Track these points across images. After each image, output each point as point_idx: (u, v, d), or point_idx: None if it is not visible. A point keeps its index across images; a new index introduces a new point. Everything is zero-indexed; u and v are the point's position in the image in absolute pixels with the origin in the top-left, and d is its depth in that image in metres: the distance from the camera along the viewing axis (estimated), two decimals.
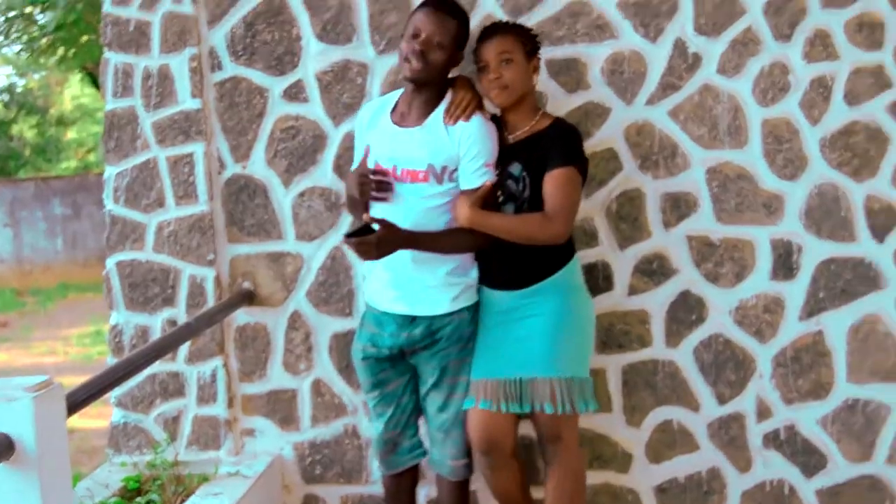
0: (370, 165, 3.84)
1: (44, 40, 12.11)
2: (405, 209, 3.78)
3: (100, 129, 25.14)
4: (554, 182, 3.72)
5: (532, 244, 3.76)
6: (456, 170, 3.78)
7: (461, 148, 3.74)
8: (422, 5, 3.77)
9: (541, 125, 3.85)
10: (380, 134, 3.89)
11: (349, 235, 3.65)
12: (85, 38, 12.90)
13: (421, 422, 4.14)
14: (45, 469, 2.69)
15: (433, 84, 3.78)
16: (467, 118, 3.74)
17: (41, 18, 11.73)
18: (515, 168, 3.81)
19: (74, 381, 3.18)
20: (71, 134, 27.44)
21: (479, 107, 3.82)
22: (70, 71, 16.74)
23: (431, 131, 3.79)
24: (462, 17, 3.78)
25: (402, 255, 3.76)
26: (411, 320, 3.88)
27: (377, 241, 3.60)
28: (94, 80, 16.40)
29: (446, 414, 3.93)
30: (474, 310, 3.94)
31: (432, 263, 3.83)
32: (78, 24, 12.24)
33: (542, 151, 3.77)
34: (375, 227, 3.60)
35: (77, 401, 3.02)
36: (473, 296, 3.93)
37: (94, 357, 11.61)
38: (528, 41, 3.83)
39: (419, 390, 4.03)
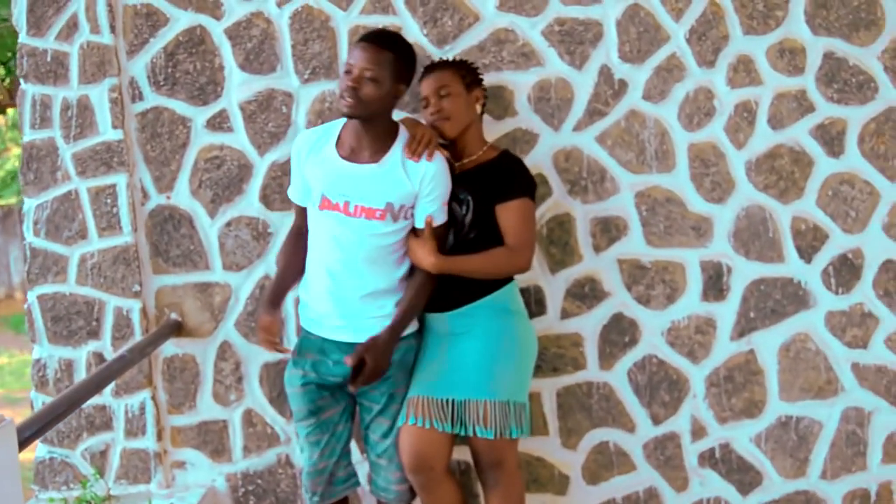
0: (315, 198, 4.32)
1: None
2: (358, 246, 4.28)
3: None
4: (513, 214, 4.35)
5: (500, 278, 4.43)
6: (412, 207, 4.30)
7: (422, 187, 4.25)
8: (357, 40, 4.28)
9: (488, 156, 4.51)
10: (325, 166, 4.32)
11: (353, 383, 4.21)
12: None
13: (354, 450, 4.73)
14: None
15: (379, 119, 4.24)
16: (430, 156, 4.24)
17: None
18: (461, 192, 4.40)
19: None
20: None
21: (438, 145, 4.37)
22: None
23: (390, 170, 4.25)
24: (400, 50, 4.23)
25: (350, 291, 4.32)
26: (355, 348, 4.25)
27: (374, 364, 4.17)
28: None
29: (390, 439, 4.42)
30: (419, 336, 4.53)
31: (385, 297, 4.36)
32: None
33: (492, 182, 4.38)
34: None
35: (27, 436, 3.41)
36: (416, 323, 4.48)
37: None
38: (468, 74, 4.50)
39: (361, 418, 4.51)
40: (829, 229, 4.86)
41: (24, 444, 3.32)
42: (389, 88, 4.18)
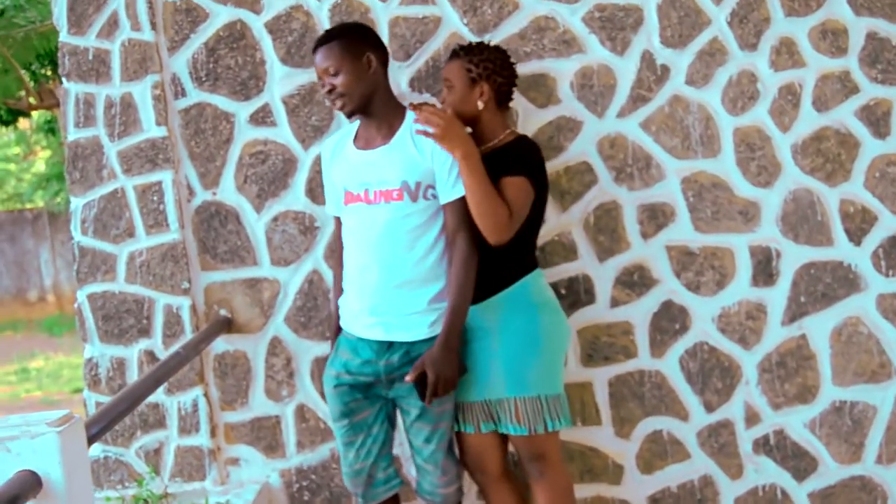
0: (340, 198, 4.47)
1: None
2: (382, 233, 4.33)
3: (3, 166, 26.19)
4: (505, 188, 4.31)
5: (481, 230, 4.28)
6: (431, 186, 4.32)
7: (434, 160, 4.28)
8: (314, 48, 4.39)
9: (503, 142, 4.52)
10: (345, 163, 4.46)
11: (425, 400, 4.27)
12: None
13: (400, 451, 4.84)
14: None
15: (376, 102, 4.34)
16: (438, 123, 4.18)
17: None
18: None
19: None
20: None
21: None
22: None
23: (400, 148, 4.33)
24: (339, 34, 4.33)
25: (378, 283, 4.36)
26: (388, 346, 4.38)
27: (435, 377, 4.23)
28: (0, 116, 17.24)
29: (433, 444, 4.46)
30: None
31: (417, 289, 4.36)
32: None
33: (499, 162, 4.38)
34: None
35: (94, 433, 3.51)
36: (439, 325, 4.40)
37: (21, 395, 12.62)
38: (476, 67, 4.48)
39: (403, 422, 4.55)
40: (878, 211, 4.90)
41: (89, 441, 3.41)
42: (355, 68, 4.28)
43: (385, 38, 4.97)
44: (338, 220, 4.64)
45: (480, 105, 4.50)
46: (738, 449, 5.11)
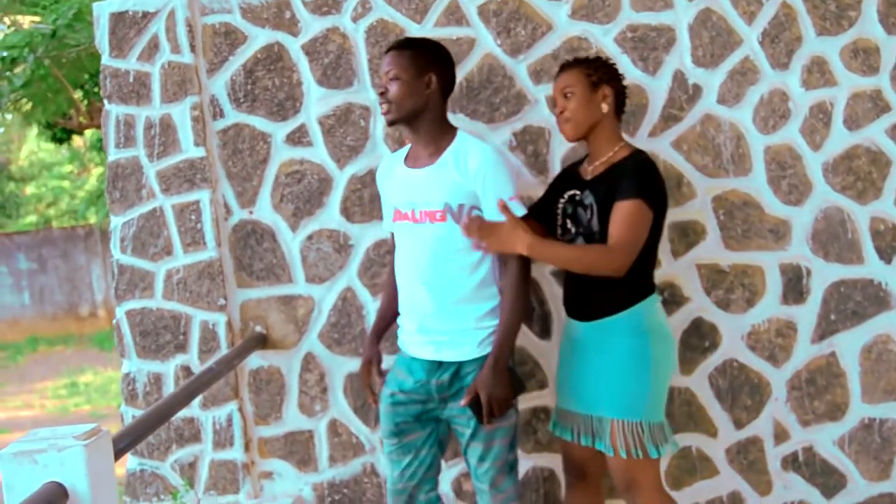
0: (391, 215, 4.26)
1: (11, 96, 12.72)
2: (428, 252, 4.11)
3: (58, 183, 26.14)
4: (620, 213, 3.95)
5: (593, 275, 4.05)
6: (476, 207, 4.06)
7: (477, 182, 4.03)
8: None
9: (618, 157, 4.14)
10: (396, 181, 4.25)
11: (483, 422, 4.04)
12: (51, 92, 13.57)
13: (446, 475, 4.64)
14: None
15: (425, 118, 4.10)
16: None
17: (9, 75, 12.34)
18: (587, 197, 4.12)
19: None
20: (30, 189, 28.61)
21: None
22: (30, 126, 17.58)
23: (444, 169, 4.08)
24: (417, 45, 4.14)
25: (426, 303, 4.14)
26: (438, 365, 4.15)
27: (488, 398, 3.98)
28: (53, 135, 17.15)
29: (487, 463, 4.14)
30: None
31: (464, 308, 4.12)
32: (45, 78, 12.84)
33: (614, 182, 4.04)
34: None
35: (122, 447, 3.38)
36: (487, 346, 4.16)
37: (70, 409, 12.42)
38: (595, 72, 4.16)
39: (460, 444, 4.25)
40: None
41: (118, 454, 3.32)
42: (413, 82, 4.06)
43: None
44: (393, 236, 4.41)
45: (605, 108, 4.15)
46: (766, 466, 4.85)
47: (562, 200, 4.27)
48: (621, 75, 4.21)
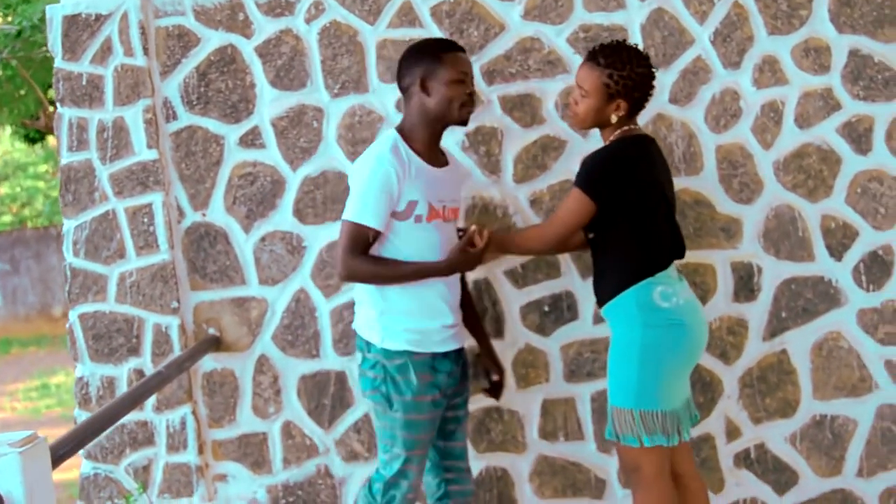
0: (420, 211, 4.07)
1: None
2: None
3: (33, 183, 25.75)
4: (562, 201, 4.16)
5: (534, 254, 4.36)
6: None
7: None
8: (451, 49, 4.09)
9: None
10: (423, 179, 4.08)
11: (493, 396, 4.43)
12: (20, 92, 13.36)
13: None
14: None
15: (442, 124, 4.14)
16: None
17: None
18: None
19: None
20: (3, 189, 28.16)
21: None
22: (2, 126, 17.32)
23: (456, 169, 4.33)
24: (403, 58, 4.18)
25: (458, 295, 4.25)
26: (458, 352, 4.24)
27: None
28: (26, 135, 16.89)
29: (466, 438, 4.44)
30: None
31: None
32: (13, 79, 12.65)
33: None
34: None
35: (60, 454, 3.25)
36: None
37: (42, 411, 12.14)
38: (615, 84, 3.96)
39: (448, 428, 4.30)
40: (859, 227, 4.58)
41: (60, 460, 3.22)
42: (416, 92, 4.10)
43: (372, 61, 4.73)
44: (376, 236, 4.09)
45: (614, 119, 4.05)
46: (719, 463, 4.76)
47: None
48: (647, 81, 4.06)
